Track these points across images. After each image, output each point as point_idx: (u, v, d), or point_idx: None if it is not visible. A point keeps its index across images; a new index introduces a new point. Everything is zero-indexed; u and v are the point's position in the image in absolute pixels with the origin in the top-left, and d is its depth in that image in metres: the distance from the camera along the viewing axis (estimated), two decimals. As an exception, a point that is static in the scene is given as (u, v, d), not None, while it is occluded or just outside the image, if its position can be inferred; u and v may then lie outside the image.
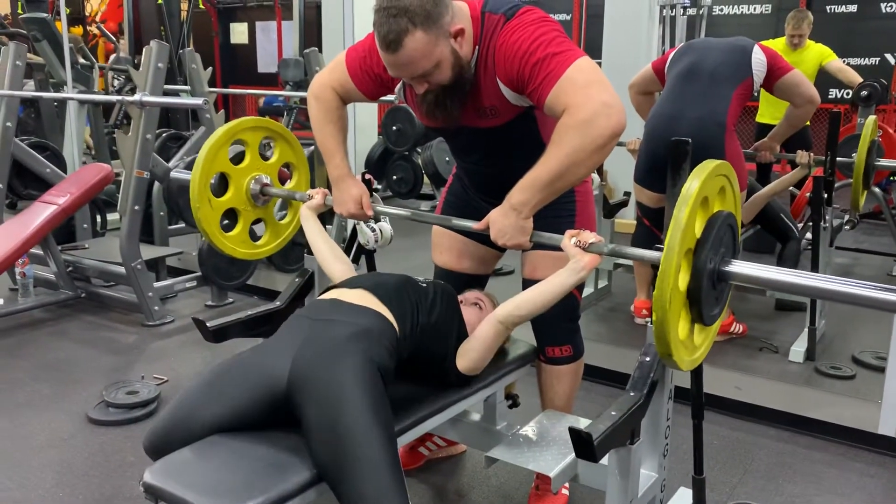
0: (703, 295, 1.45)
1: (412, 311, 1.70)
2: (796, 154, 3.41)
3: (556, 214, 1.85)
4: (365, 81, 1.88)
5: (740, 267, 1.49)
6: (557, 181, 1.58)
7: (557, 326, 2.00)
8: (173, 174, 3.77)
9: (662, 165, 1.82)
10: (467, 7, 1.68)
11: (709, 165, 1.45)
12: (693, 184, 1.40)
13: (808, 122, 4.99)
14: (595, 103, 1.50)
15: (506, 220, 1.65)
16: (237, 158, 2.18)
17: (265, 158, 2.24)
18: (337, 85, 1.93)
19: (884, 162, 3.59)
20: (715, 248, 1.46)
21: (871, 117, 3.37)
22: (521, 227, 1.65)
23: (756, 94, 3.09)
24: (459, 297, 1.91)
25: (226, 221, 2.18)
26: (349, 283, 1.78)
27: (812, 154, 3.40)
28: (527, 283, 1.98)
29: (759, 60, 3.01)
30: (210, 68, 4.80)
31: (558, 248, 1.64)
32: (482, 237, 2.07)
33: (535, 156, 1.64)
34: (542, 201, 1.63)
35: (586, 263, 1.59)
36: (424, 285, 1.81)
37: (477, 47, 1.68)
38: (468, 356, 1.77)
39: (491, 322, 1.74)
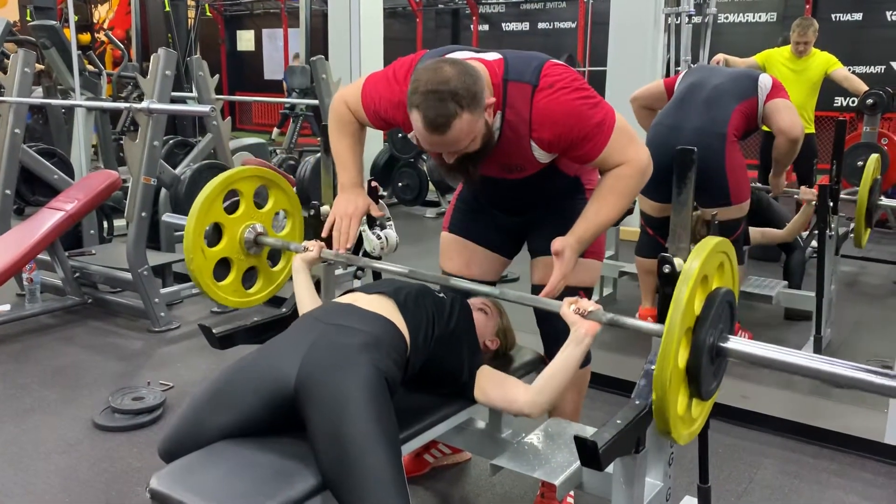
0: (702, 372, 1.43)
1: (427, 321, 1.70)
2: (800, 190, 3.43)
3: (569, 217, 1.85)
4: (375, 120, 1.92)
5: (738, 344, 1.48)
6: (616, 219, 1.84)
7: (566, 332, 1.99)
8: (164, 219, 3.81)
9: (663, 175, 1.84)
10: (487, 72, 1.69)
11: (709, 243, 1.44)
12: (693, 263, 1.39)
13: (813, 131, 5.01)
14: (645, 156, 1.76)
15: (575, 255, 1.75)
16: (231, 207, 2.17)
17: (259, 206, 2.24)
18: (352, 108, 1.96)
19: (885, 201, 3.66)
20: (714, 324, 1.44)
21: (874, 155, 3.38)
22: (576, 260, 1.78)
23: (761, 119, 3.07)
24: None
25: (220, 270, 2.17)
26: (367, 288, 1.78)
27: (814, 178, 3.42)
28: (536, 290, 1.99)
29: (764, 84, 3.01)
30: (217, 75, 4.83)
31: (556, 312, 1.64)
32: (493, 244, 2.09)
33: (555, 185, 1.91)
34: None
35: (587, 330, 1.58)
36: (442, 296, 1.81)
37: (500, 112, 1.71)
38: (485, 399, 1.76)
39: (518, 407, 1.68)
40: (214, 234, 2.14)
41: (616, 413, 1.50)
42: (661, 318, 1.54)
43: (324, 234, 2.00)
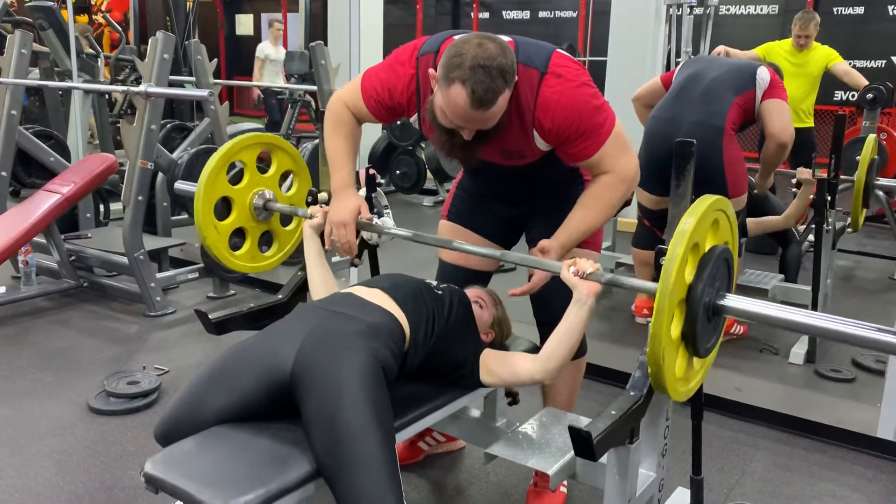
0: (698, 335, 1.45)
1: (427, 319, 1.71)
2: (797, 171, 3.42)
3: (567, 208, 1.85)
4: (378, 111, 1.90)
5: (735, 301, 1.48)
6: (600, 227, 1.87)
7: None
8: (177, 186, 3.78)
9: (661, 168, 1.84)
10: None
11: (704, 202, 1.44)
12: (688, 222, 1.40)
13: (812, 125, 5.01)
14: (633, 167, 1.78)
15: (557, 259, 1.76)
16: (236, 178, 2.18)
17: (263, 171, 2.24)
18: (351, 105, 1.94)
19: (883, 181, 3.64)
20: (710, 284, 1.45)
21: (871, 136, 3.37)
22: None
23: (757, 116, 3.06)
24: (461, 293, 1.91)
25: (235, 240, 2.22)
26: (367, 283, 1.79)
27: (812, 170, 3.42)
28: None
29: (762, 77, 2.99)
30: (215, 60, 4.81)
31: (557, 273, 1.67)
32: (491, 234, 2.09)
33: (553, 175, 1.90)
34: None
35: (588, 292, 1.60)
36: (440, 292, 1.81)
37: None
38: (494, 378, 1.77)
39: (527, 374, 1.71)
40: (224, 208, 2.17)
41: (610, 403, 1.50)
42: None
43: (327, 248, 2.01)
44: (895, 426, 2.45)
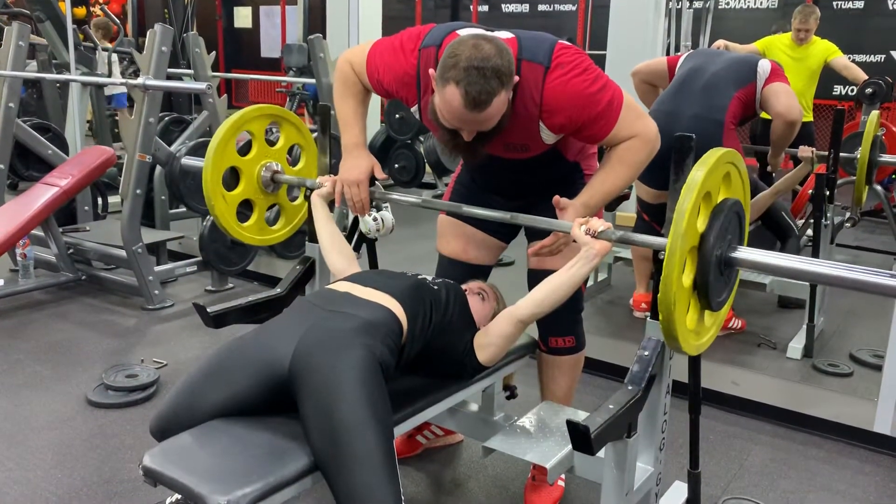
0: (710, 286, 1.47)
1: (425, 310, 1.71)
2: (799, 149, 3.40)
3: (568, 196, 1.86)
4: (378, 89, 1.91)
5: (747, 253, 1.51)
6: (622, 189, 1.84)
7: (561, 317, 2.00)
8: (184, 161, 3.78)
9: (660, 161, 1.84)
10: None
11: (715, 154, 1.46)
12: (698, 173, 1.41)
13: (811, 119, 5.01)
14: (653, 129, 1.78)
15: (577, 215, 1.75)
16: (244, 149, 2.18)
17: (271, 144, 2.25)
18: (357, 71, 1.95)
19: (886, 157, 3.60)
20: (721, 235, 1.47)
21: (875, 112, 3.37)
22: None
23: (759, 105, 3.05)
24: (463, 287, 1.91)
25: (241, 212, 2.22)
26: (362, 280, 1.78)
27: (815, 150, 3.40)
28: (532, 274, 1.99)
29: (763, 69, 2.99)
30: (213, 52, 4.79)
31: (567, 232, 1.70)
32: (490, 228, 2.09)
33: (554, 170, 1.91)
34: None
35: (598, 251, 1.62)
36: (436, 287, 1.82)
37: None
38: (489, 351, 1.78)
39: (512, 321, 1.75)
40: (232, 178, 2.17)
41: (609, 398, 1.51)
42: (654, 306, 1.55)
43: (337, 205, 2.04)
44: (891, 421, 2.46)
